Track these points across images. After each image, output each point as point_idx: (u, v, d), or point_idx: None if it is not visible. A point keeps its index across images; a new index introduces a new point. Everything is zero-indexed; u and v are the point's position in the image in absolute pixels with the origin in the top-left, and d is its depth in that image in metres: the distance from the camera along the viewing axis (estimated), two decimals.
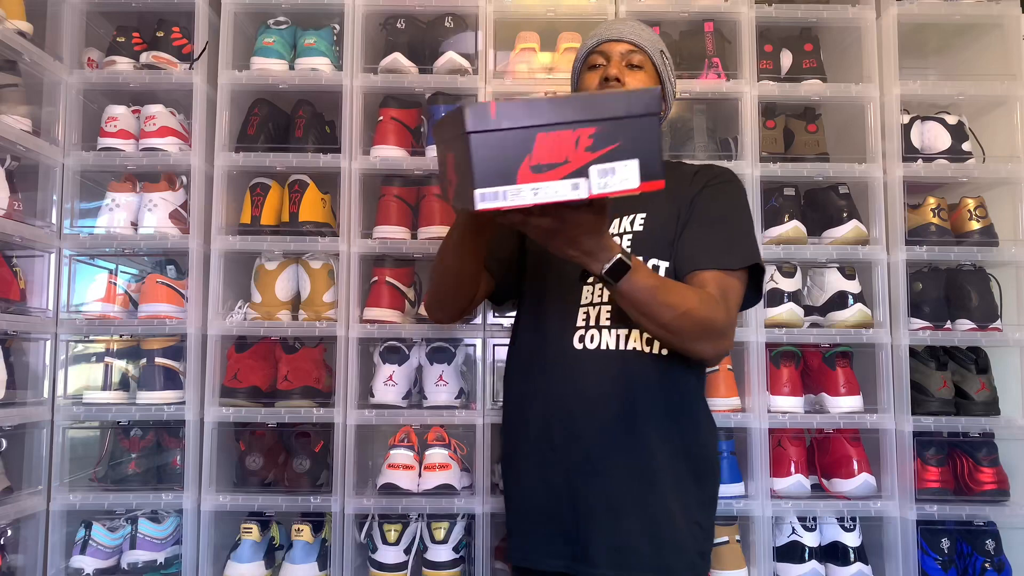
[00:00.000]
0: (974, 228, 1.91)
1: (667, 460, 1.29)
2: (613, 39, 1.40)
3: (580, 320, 1.32)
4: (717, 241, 1.30)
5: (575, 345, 1.31)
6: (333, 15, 1.97)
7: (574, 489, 1.29)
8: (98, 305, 1.91)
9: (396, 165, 1.91)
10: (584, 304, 1.33)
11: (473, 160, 0.92)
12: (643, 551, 1.25)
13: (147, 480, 1.87)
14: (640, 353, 1.30)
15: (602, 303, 1.31)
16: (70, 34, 1.91)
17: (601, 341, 1.30)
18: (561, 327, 1.33)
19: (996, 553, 1.82)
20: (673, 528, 1.27)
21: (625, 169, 0.97)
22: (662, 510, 1.27)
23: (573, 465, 1.29)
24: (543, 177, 0.94)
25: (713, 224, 1.32)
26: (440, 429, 1.87)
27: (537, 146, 0.94)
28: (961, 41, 2.14)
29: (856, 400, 1.87)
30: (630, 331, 1.30)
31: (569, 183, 0.95)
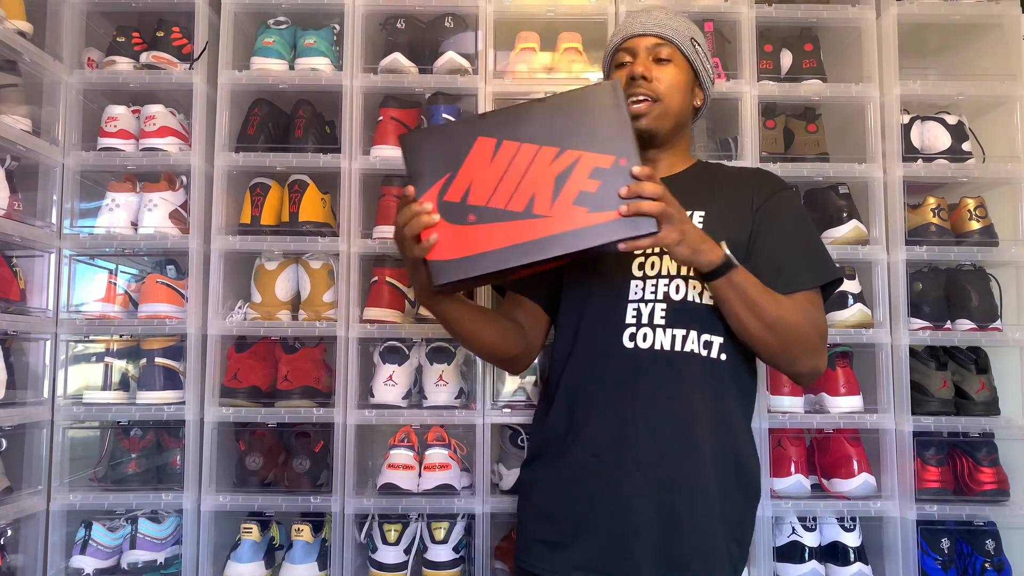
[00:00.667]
0: (974, 228, 1.91)
1: (719, 473, 1.23)
2: (638, 33, 1.33)
3: (630, 317, 1.26)
4: (803, 261, 1.27)
5: (626, 343, 1.25)
6: (333, 15, 1.97)
7: (620, 498, 1.22)
8: (98, 305, 1.91)
9: (396, 165, 1.91)
10: (634, 300, 1.26)
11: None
12: (692, 567, 1.20)
13: (147, 480, 1.87)
14: (697, 356, 1.24)
15: (655, 300, 1.25)
16: (70, 34, 1.91)
17: (655, 341, 1.24)
18: (609, 324, 1.27)
19: (996, 553, 1.82)
20: (721, 544, 1.23)
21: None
22: (712, 525, 1.22)
23: (620, 474, 1.23)
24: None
25: (794, 240, 1.29)
26: (440, 429, 1.87)
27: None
28: (961, 41, 2.14)
29: (856, 400, 1.87)
30: (688, 332, 1.24)
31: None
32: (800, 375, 1.29)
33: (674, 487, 1.22)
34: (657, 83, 1.30)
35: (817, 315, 1.24)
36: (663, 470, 1.22)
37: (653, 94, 1.30)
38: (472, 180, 1.12)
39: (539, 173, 1.10)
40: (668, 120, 1.32)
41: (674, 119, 1.33)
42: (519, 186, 1.10)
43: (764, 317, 1.18)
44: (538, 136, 1.11)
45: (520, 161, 1.11)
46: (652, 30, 1.33)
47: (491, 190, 1.11)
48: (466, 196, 1.12)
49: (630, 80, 1.30)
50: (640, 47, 1.33)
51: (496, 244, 1.11)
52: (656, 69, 1.31)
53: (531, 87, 1.94)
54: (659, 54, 1.32)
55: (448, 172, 1.12)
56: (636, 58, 1.32)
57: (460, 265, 1.11)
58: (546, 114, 1.13)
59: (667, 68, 1.31)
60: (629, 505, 1.22)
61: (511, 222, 1.11)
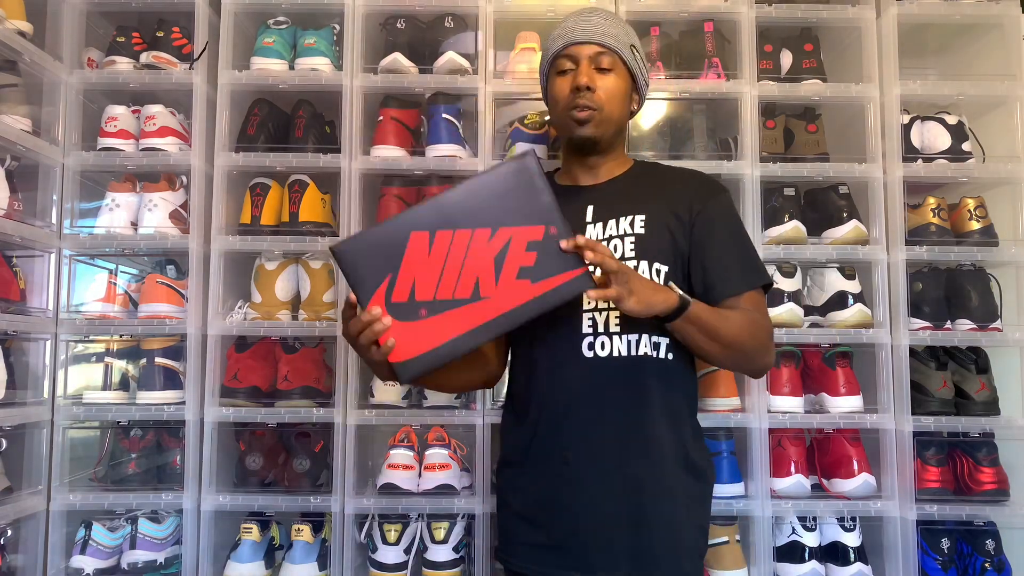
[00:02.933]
0: (974, 228, 1.91)
1: (676, 468, 1.29)
2: (581, 41, 1.35)
3: (587, 327, 1.30)
4: (743, 263, 1.33)
5: (585, 353, 1.29)
6: (333, 15, 1.97)
7: (592, 500, 1.27)
8: (98, 305, 1.91)
9: (396, 165, 1.91)
10: (588, 309, 1.31)
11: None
12: (663, 558, 1.26)
13: (147, 480, 1.87)
14: (649, 358, 1.29)
15: (608, 308, 1.30)
16: (70, 34, 1.91)
17: (613, 348, 1.29)
18: (567, 335, 1.31)
19: (996, 553, 1.82)
20: (687, 534, 1.29)
21: None
22: (677, 518, 1.28)
23: (590, 477, 1.27)
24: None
25: (733, 246, 1.34)
26: (440, 429, 1.87)
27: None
28: (961, 41, 2.14)
29: (856, 400, 1.87)
30: (640, 336, 1.29)
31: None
32: (753, 373, 1.40)
33: (640, 485, 1.27)
34: (600, 92, 1.33)
35: (762, 316, 1.32)
36: (629, 470, 1.27)
37: (596, 104, 1.33)
38: (415, 276, 1.15)
39: (478, 256, 1.15)
40: (610, 127, 1.36)
41: (615, 126, 1.38)
42: (461, 273, 1.15)
43: (722, 339, 1.24)
44: (468, 220, 1.15)
45: (457, 248, 1.15)
46: (595, 38, 1.34)
47: (435, 282, 1.15)
48: (412, 293, 1.16)
49: (575, 90, 1.33)
50: (582, 55, 1.35)
51: (452, 332, 1.16)
52: (598, 78, 1.34)
53: (531, 87, 1.94)
54: (601, 63, 1.34)
55: (389, 273, 1.15)
56: (578, 66, 1.35)
57: (423, 360, 1.16)
58: (471, 197, 1.16)
59: (608, 77, 1.35)
60: (601, 506, 1.27)
61: (461, 308, 1.16)
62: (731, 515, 1.82)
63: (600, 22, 1.37)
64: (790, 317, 1.88)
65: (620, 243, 1.32)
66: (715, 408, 1.85)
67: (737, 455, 1.88)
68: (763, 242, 1.89)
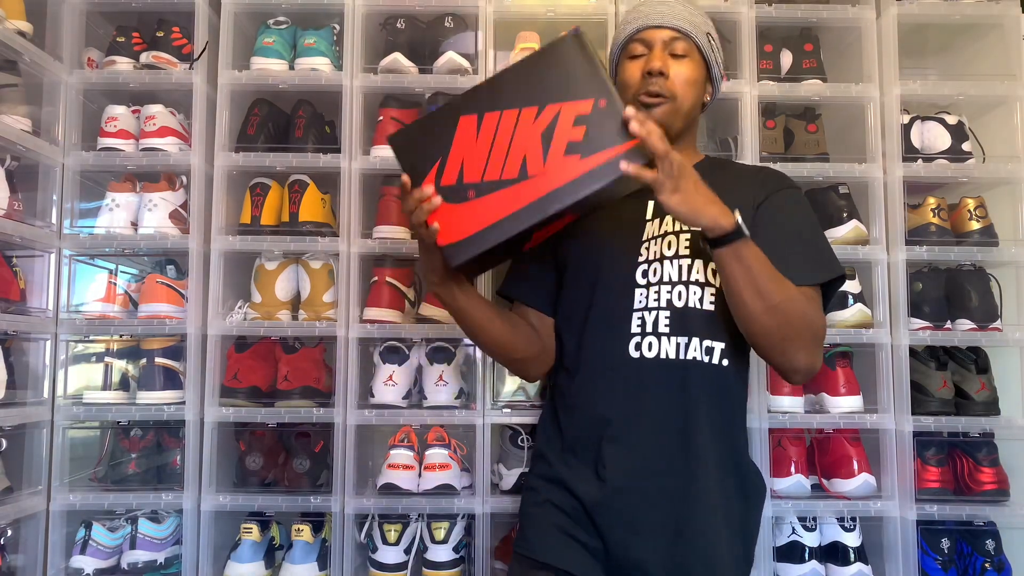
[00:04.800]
0: (974, 228, 1.91)
1: (722, 479, 1.23)
2: (655, 24, 1.27)
3: (635, 326, 1.24)
4: (801, 256, 1.23)
5: (632, 353, 1.24)
6: (333, 15, 1.97)
7: (629, 507, 1.22)
8: (98, 305, 1.91)
9: (396, 165, 1.89)
10: (638, 308, 1.25)
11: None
12: (697, 571, 1.21)
13: (147, 480, 1.87)
14: (700, 363, 1.23)
15: (659, 308, 1.24)
16: (70, 34, 1.91)
17: (660, 349, 1.23)
18: (614, 334, 1.25)
19: (996, 553, 1.82)
20: (726, 551, 1.23)
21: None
22: (717, 532, 1.22)
23: (629, 483, 1.23)
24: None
25: (797, 237, 1.26)
26: (440, 429, 1.87)
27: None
28: (961, 41, 2.14)
29: (856, 400, 1.87)
30: (690, 339, 1.23)
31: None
32: (795, 370, 1.21)
33: (680, 495, 1.22)
34: (674, 80, 1.25)
35: (815, 313, 1.20)
36: (670, 479, 1.22)
37: (669, 92, 1.26)
38: (463, 159, 1.13)
39: (525, 135, 1.11)
40: (679, 118, 1.29)
41: (685, 117, 1.30)
42: (509, 152, 1.11)
43: (768, 298, 1.12)
44: (515, 100, 1.12)
45: (504, 128, 1.12)
46: (671, 22, 1.27)
47: (483, 163, 1.12)
48: (460, 175, 1.13)
49: (647, 75, 1.25)
50: (656, 39, 1.27)
51: (501, 213, 1.11)
52: (673, 64, 1.26)
53: None
54: (676, 48, 1.26)
55: (439, 157, 1.14)
56: (652, 51, 1.27)
57: (471, 242, 1.12)
58: (518, 77, 1.14)
59: (684, 64, 1.26)
60: (638, 513, 1.22)
61: (510, 188, 1.11)
62: None
63: (677, 6, 1.29)
64: None
65: (675, 239, 1.26)
66: None
67: None
68: None
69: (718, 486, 1.23)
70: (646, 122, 1.04)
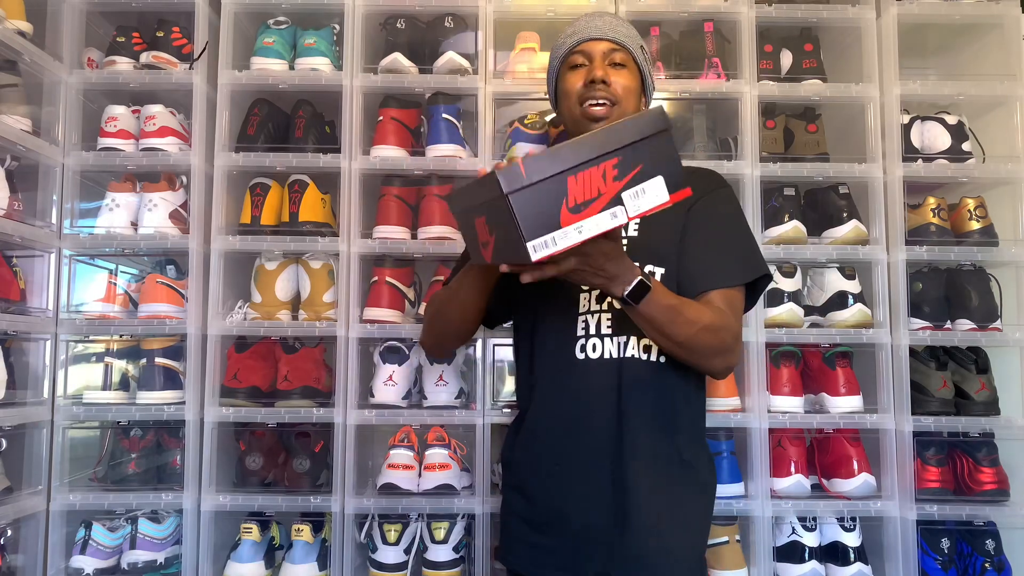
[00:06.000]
0: (974, 228, 1.91)
1: (666, 472, 1.27)
2: (594, 37, 1.35)
3: (580, 329, 1.30)
4: (725, 259, 1.30)
5: (577, 355, 1.29)
6: (333, 15, 1.97)
7: (582, 501, 1.27)
8: (98, 305, 1.91)
9: (396, 165, 1.91)
10: (582, 312, 1.31)
11: (519, 217, 0.97)
12: (650, 562, 1.24)
13: (147, 480, 1.87)
14: (639, 360, 1.28)
15: (600, 311, 1.29)
16: (70, 34, 1.91)
17: (604, 350, 1.28)
18: (562, 338, 1.31)
19: (996, 553, 1.82)
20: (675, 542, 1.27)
21: (653, 187, 1.04)
22: (662, 524, 1.25)
23: (579, 479, 1.27)
24: (582, 215, 1.00)
25: (719, 241, 1.31)
26: (440, 429, 1.87)
27: (571, 189, 0.99)
28: (961, 41, 2.14)
29: (856, 400, 1.87)
30: (628, 338, 1.28)
31: (607, 214, 1.01)
32: (714, 374, 1.31)
33: (625, 488, 1.26)
34: (615, 87, 1.33)
35: (731, 318, 1.26)
36: (616, 473, 1.26)
37: (613, 97, 1.33)
38: None
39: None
40: None
41: None
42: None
43: (674, 338, 1.20)
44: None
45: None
46: (609, 35, 1.35)
47: None
48: None
49: (589, 83, 1.32)
50: (596, 51, 1.35)
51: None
52: (613, 73, 1.34)
53: (531, 87, 1.94)
54: (614, 59, 1.35)
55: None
56: (592, 62, 1.34)
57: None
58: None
59: (622, 73, 1.34)
60: (590, 507, 1.26)
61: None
62: (731, 515, 1.82)
63: (611, 20, 1.38)
64: (790, 317, 1.88)
65: None
66: (715, 408, 1.85)
67: (737, 455, 1.88)
68: (763, 242, 1.89)
69: (662, 480, 1.26)
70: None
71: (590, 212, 1.00)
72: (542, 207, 0.98)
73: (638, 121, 1.04)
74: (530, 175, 0.96)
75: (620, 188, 1.01)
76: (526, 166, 0.96)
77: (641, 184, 1.03)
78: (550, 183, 0.98)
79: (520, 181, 0.96)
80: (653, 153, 1.03)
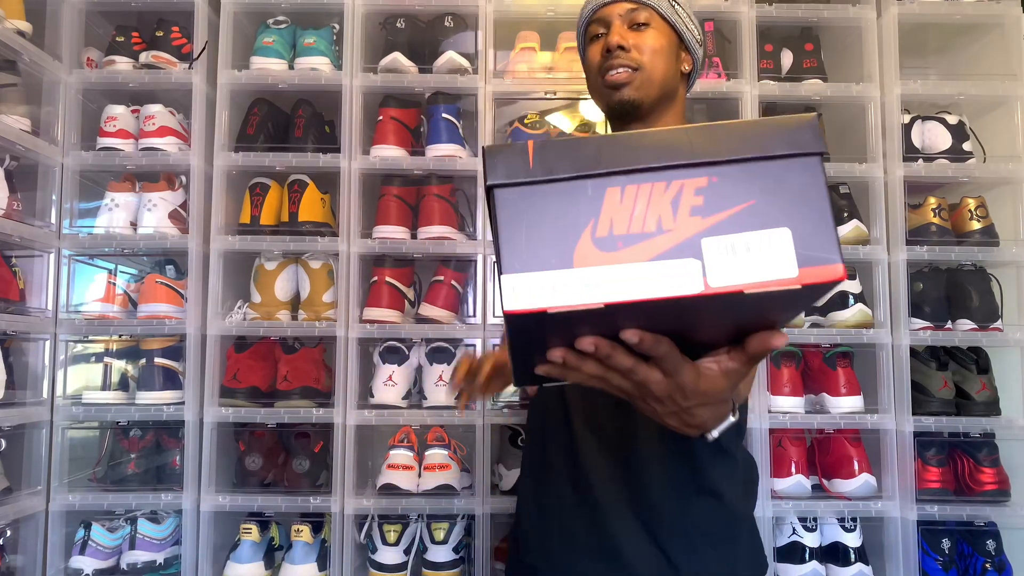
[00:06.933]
0: (975, 228, 1.91)
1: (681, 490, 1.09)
2: (609, 1, 1.19)
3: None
4: None
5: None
6: (333, 15, 1.97)
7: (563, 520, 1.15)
8: (97, 305, 1.90)
9: (396, 165, 1.91)
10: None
11: (499, 232, 0.57)
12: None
13: (146, 480, 1.87)
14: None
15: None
16: (69, 34, 1.91)
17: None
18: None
19: (997, 553, 1.82)
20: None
21: (770, 244, 0.56)
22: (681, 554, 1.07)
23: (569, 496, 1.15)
24: (617, 256, 0.56)
25: None
26: (440, 429, 1.87)
27: (606, 206, 0.57)
28: (962, 41, 2.14)
29: (857, 400, 1.87)
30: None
31: (666, 267, 0.55)
32: None
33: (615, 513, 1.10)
34: (636, 51, 1.16)
35: None
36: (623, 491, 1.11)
37: (633, 63, 1.16)
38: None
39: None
40: (652, 89, 1.17)
41: (659, 87, 1.18)
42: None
43: None
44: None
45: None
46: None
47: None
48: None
49: (606, 53, 1.17)
50: (613, 15, 1.19)
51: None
52: (633, 36, 1.17)
53: (531, 87, 1.94)
54: (635, 19, 1.18)
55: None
56: (610, 28, 1.18)
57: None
58: None
59: (646, 33, 1.17)
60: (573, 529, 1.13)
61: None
62: None
63: None
64: None
65: None
66: None
67: None
68: None
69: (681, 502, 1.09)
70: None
71: (632, 255, 0.55)
72: (548, 223, 0.57)
73: (769, 125, 0.59)
74: (540, 165, 0.58)
75: (703, 229, 0.56)
76: (537, 151, 0.59)
77: (748, 234, 0.56)
78: (573, 188, 0.58)
79: (519, 171, 0.58)
80: (783, 186, 0.57)
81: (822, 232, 0.58)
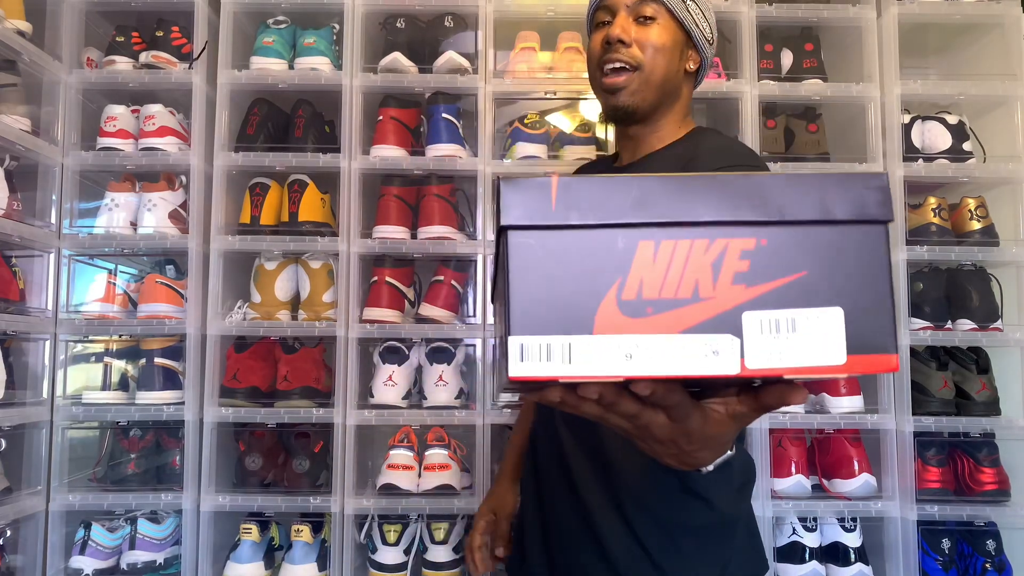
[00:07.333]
0: (975, 228, 1.91)
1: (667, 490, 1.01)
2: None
3: None
4: None
5: None
6: (333, 15, 1.97)
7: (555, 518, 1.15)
8: (97, 305, 1.90)
9: (396, 165, 1.91)
10: None
11: (511, 285, 0.50)
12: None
13: (146, 480, 1.87)
14: None
15: None
16: (69, 34, 1.91)
17: None
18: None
19: (997, 553, 1.82)
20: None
21: (819, 324, 0.50)
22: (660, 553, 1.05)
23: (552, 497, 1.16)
24: (645, 325, 0.50)
25: None
26: (440, 429, 1.87)
27: (637, 264, 0.51)
28: (962, 41, 2.14)
29: (856, 400, 1.87)
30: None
31: (700, 342, 0.50)
32: None
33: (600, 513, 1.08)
34: (637, 47, 1.11)
35: None
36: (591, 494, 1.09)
37: (633, 61, 1.11)
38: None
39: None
40: (650, 92, 1.12)
41: (657, 89, 1.13)
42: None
43: None
44: None
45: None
46: None
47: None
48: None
49: (606, 44, 1.12)
50: (620, 5, 1.13)
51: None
52: (637, 30, 1.11)
53: (531, 87, 1.94)
54: (642, 11, 1.12)
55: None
56: (615, 18, 1.13)
57: None
58: None
59: (650, 28, 1.11)
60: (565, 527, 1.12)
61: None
62: None
63: None
64: None
65: None
66: None
67: None
68: None
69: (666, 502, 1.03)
70: None
71: (662, 324, 0.50)
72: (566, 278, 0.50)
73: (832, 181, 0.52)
74: (564, 206, 0.51)
75: (746, 300, 0.50)
76: (562, 189, 0.51)
77: (796, 311, 0.50)
78: (599, 237, 0.50)
79: (539, 212, 0.50)
80: (841, 257, 0.51)
81: (879, 316, 0.51)
